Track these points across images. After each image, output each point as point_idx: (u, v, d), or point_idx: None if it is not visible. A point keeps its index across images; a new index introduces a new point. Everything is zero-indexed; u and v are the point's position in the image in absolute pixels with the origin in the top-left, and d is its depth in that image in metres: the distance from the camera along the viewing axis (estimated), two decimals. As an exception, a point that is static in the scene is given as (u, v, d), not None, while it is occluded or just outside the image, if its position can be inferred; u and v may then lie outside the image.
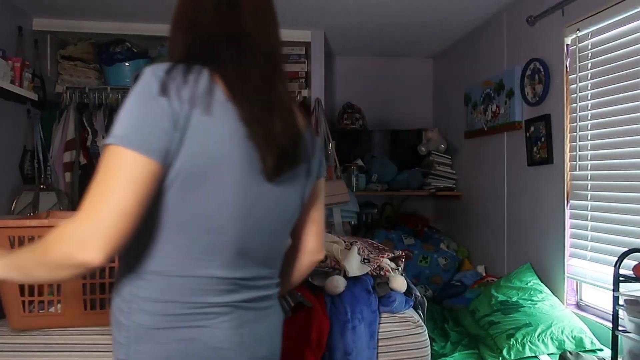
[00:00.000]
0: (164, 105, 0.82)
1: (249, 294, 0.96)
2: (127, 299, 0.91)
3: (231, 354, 0.92)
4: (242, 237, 0.93)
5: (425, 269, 3.68)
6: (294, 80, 3.99)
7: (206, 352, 0.90)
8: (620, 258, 1.95)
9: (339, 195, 3.34)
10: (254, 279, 0.97)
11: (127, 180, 0.79)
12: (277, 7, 1.02)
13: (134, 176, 0.79)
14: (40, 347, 1.69)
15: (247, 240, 0.94)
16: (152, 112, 0.82)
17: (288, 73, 3.97)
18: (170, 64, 0.88)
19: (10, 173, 3.25)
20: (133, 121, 0.82)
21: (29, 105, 3.35)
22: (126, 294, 0.91)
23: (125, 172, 0.79)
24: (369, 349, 1.72)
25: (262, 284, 0.99)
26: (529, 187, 3.03)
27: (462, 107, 3.90)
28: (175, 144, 0.83)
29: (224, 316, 0.91)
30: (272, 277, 1.03)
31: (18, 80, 2.89)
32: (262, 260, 0.98)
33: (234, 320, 0.92)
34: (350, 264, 1.83)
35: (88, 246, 0.77)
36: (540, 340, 2.33)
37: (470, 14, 3.45)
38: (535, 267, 2.88)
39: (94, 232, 0.77)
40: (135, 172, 0.80)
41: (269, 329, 1.01)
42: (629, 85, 2.26)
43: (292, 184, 0.99)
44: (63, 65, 3.71)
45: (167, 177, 0.84)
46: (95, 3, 3.25)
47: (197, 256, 0.89)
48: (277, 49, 0.99)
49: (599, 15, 2.38)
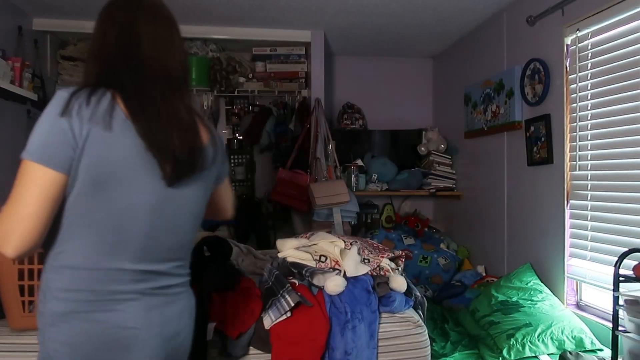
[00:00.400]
0: (64, 125, 1.00)
1: (157, 283, 1.11)
2: (43, 289, 1.06)
3: (138, 333, 1.07)
4: (148, 234, 1.08)
5: (425, 269, 3.68)
6: (294, 80, 4.00)
7: (115, 330, 1.05)
8: (620, 258, 1.95)
9: (339, 195, 3.35)
10: (161, 270, 1.12)
11: (35, 188, 0.99)
12: (277, 7, 1.03)
13: (40, 185, 0.99)
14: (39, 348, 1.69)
15: (154, 237, 1.09)
16: (54, 131, 1.00)
17: (288, 73, 3.98)
18: (78, 87, 1.05)
19: (10, 173, 3.25)
20: (40, 139, 1.02)
21: (29, 105, 3.35)
22: (43, 286, 1.07)
23: (34, 182, 0.99)
24: (369, 348, 1.72)
25: (171, 274, 1.14)
26: (529, 187, 3.03)
27: (462, 107, 3.90)
28: (77, 157, 1.00)
29: (132, 302, 1.06)
30: (181, 267, 1.18)
31: (18, 80, 2.89)
32: (170, 253, 1.14)
33: (142, 304, 1.07)
34: (350, 264, 1.83)
35: (4, 244, 0.97)
36: (540, 340, 2.33)
37: (470, 14, 3.45)
38: (535, 267, 2.88)
39: (9, 233, 0.97)
40: (42, 181, 0.99)
41: (177, 312, 1.15)
42: (628, 85, 2.26)
43: (196, 187, 1.15)
44: (63, 65, 3.72)
45: (71, 185, 1.02)
46: (95, 3, 3.23)
47: (106, 251, 1.05)
48: (177, 71, 1.14)
49: (599, 15, 2.38)
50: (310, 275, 1.82)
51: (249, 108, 4.23)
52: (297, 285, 1.84)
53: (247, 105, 4.26)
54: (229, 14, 3.48)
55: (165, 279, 1.13)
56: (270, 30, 3.79)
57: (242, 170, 4.21)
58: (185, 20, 3.60)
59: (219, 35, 3.83)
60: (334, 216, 3.38)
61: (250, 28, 3.77)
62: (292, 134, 3.88)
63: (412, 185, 4.06)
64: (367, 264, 1.89)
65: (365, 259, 1.92)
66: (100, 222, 1.04)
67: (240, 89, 4.01)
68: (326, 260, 1.84)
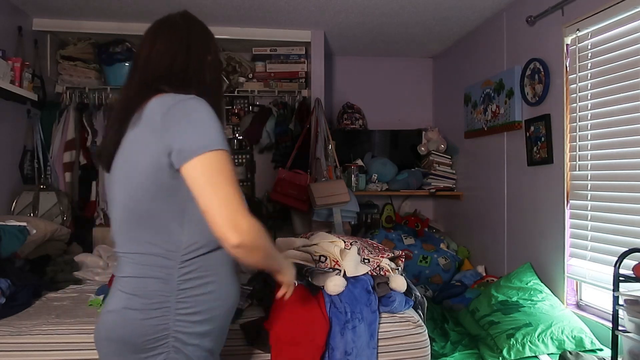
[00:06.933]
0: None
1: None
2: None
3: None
4: None
5: (425, 269, 3.68)
6: (294, 80, 4.00)
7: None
8: (620, 258, 1.95)
9: (339, 195, 3.34)
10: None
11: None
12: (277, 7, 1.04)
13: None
14: (41, 347, 1.69)
15: None
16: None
17: (288, 73, 3.98)
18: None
19: (10, 173, 3.25)
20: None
21: (29, 105, 3.35)
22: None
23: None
24: (369, 348, 1.72)
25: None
26: (529, 187, 3.03)
27: (462, 107, 3.90)
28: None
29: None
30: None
31: (18, 80, 2.89)
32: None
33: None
34: (350, 264, 1.83)
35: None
36: (540, 340, 2.33)
37: (470, 14, 3.45)
38: (535, 267, 2.88)
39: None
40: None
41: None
42: (628, 85, 2.26)
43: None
44: (63, 65, 3.71)
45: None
46: (95, 3, 3.26)
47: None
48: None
49: (599, 15, 2.38)
50: (310, 275, 1.82)
51: (249, 108, 4.23)
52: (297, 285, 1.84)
53: (247, 105, 4.26)
54: (229, 14, 3.48)
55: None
56: (270, 30, 3.79)
57: (242, 170, 4.21)
58: (185, 20, 3.60)
59: (219, 35, 3.75)
60: (334, 216, 3.38)
61: (250, 28, 3.77)
62: (292, 134, 3.87)
63: (412, 185, 4.06)
64: (367, 264, 1.89)
65: (365, 259, 1.92)
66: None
67: (240, 89, 4.01)
68: (326, 260, 1.84)
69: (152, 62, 1.22)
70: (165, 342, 1.13)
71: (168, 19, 1.32)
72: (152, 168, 1.11)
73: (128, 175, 1.15)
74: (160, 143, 1.09)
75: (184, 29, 1.29)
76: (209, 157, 1.06)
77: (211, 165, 1.06)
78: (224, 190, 1.05)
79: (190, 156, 1.05)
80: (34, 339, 1.70)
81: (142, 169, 1.12)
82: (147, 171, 1.11)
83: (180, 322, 1.13)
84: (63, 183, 3.54)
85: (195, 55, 1.25)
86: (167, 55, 1.22)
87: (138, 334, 1.12)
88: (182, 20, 1.31)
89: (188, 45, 1.25)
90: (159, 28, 1.29)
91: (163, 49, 1.23)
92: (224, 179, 1.06)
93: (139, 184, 1.13)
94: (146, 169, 1.12)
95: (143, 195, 1.13)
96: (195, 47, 1.26)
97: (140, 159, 1.12)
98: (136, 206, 1.15)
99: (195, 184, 1.06)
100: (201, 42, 1.29)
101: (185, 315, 1.14)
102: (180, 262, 1.14)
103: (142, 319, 1.12)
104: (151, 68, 1.21)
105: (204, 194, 1.05)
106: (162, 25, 1.30)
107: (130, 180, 1.15)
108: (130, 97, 1.19)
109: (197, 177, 1.06)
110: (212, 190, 1.04)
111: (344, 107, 4.41)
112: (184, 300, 1.13)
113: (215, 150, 1.06)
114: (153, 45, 1.24)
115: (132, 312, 1.12)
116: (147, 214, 1.14)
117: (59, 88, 3.71)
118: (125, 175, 1.16)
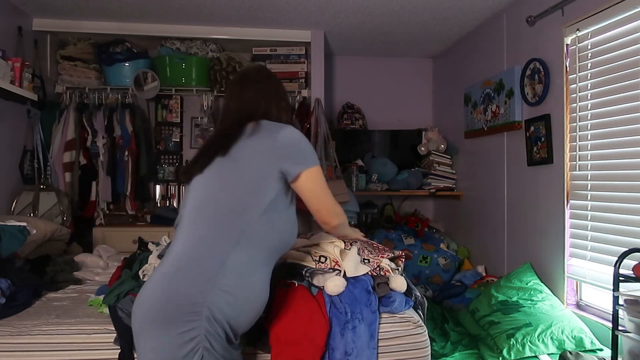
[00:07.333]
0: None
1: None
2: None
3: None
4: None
5: (425, 269, 3.68)
6: (294, 80, 4.00)
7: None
8: (620, 258, 1.95)
9: (339, 195, 3.34)
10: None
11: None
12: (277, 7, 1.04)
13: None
14: (41, 347, 1.69)
15: None
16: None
17: (288, 73, 3.98)
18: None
19: (10, 173, 3.26)
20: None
21: (29, 105, 3.35)
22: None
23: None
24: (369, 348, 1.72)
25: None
26: (529, 187, 3.03)
27: (462, 107, 3.90)
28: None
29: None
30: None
31: (18, 80, 2.89)
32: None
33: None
34: (350, 264, 1.83)
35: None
36: (540, 340, 2.33)
37: (470, 14, 3.45)
38: (535, 267, 2.88)
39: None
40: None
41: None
42: (628, 85, 2.26)
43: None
44: (63, 65, 3.71)
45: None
46: (95, 3, 3.26)
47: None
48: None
49: (599, 15, 2.38)
50: (310, 276, 1.82)
51: (249, 108, 4.22)
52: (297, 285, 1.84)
53: (247, 105, 4.25)
54: (229, 14, 3.48)
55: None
56: (270, 30, 3.80)
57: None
58: (186, 20, 3.61)
59: (219, 35, 3.82)
60: (334, 216, 3.38)
61: (250, 28, 3.77)
62: (292, 134, 3.87)
63: (412, 185, 4.06)
64: (366, 264, 1.89)
65: (365, 259, 1.91)
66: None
67: (240, 89, 4.00)
68: (326, 261, 1.84)
69: (242, 108, 1.57)
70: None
71: (249, 75, 1.66)
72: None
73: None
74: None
75: (262, 82, 1.63)
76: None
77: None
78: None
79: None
80: (34, 339, 1.70)
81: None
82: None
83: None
84: (63, 183, 3.54)
85: (274, 103, 1.60)
86: (253, 103, 1.57)
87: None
88: (260, 75, 1.66)
89: (267, 96, 1.59)
90: (243, 82, 1.63)
91: (249, 99, 1.58)
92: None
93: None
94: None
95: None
96: (272, 96, 1.61)
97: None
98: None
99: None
100: (276, 92, 1.64)
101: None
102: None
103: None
104: (242, 111, 1.56)
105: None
106: (247, 80, 1.63)
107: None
108: (226, 127, 1.55)
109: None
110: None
111: (344, 107, 4.41)
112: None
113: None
114: (242, 95, 1.60)
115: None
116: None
117: (59, 88, 3.71)
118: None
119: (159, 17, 3.53)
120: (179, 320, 1.31)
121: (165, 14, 3.47)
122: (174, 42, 3.91)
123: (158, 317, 1.32)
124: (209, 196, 1.45)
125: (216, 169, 1.46)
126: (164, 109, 4.15)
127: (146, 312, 1.34)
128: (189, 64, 3.89)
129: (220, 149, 1.47)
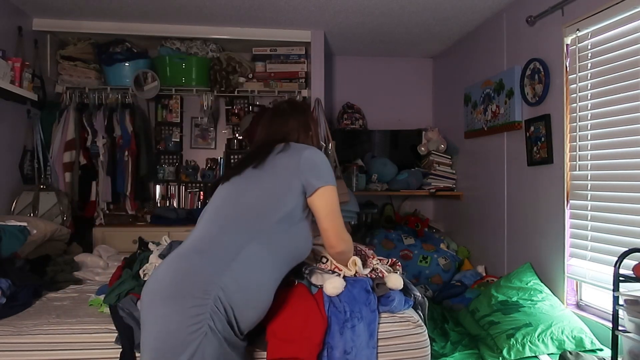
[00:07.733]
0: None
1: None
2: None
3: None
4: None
5: (425, 269, 3.68)
6: (294, 80, 4.00)
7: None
8: (620, 258, 1.95)
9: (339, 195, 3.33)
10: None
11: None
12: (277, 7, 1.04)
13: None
14: (40, 347, 1.69)
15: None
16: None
17: (288, 73, 3.99)
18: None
19: (10, 173, 3.26)
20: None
21: (29, 105, 3.35)
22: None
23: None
24: (368, 348, 1.72)
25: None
26: (529, 187, 3.03)
27: (462, 107, 3.90)
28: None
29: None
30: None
31: (18, 80, 2.89)
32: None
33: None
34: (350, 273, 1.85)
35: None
36: (540, 340, 2.33)
37: (470, 14, 3.45)
38: (535, 267, 2.89)
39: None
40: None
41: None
42: (628, 85, 2.26)
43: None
44: (63, 65, 3.71)
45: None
46: (95, 3, 3.26)
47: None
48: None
49: (599, 15, 2.38)
50: (309, 274, 1.82)
51: (249, 108, 4.23)
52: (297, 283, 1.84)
53: (247, 105, 4.26)
54: (229, 14, 3.48)
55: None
56: (270, 30, 3.80)
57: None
58: (186, 20, 3.61)
59: (219, 35, 3.83)
60: (334, 216, 3.38)
61: (250, 28, 3.77)
62: (292, 134, 3.88)
63: (412, 185, 4.06)
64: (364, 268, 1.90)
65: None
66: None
67: (240, 89, 4.01)
68: (327, 262, 1.84)
69: (272, 136, 1.75)
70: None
71: (280, 109, 1.85)
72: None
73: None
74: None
75: (291, 114, 1.81)
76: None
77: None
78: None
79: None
80: (34, 338, 1.70)
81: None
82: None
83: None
84: (63, 183, 3.54)
85: (302, 132, 1.79)
86: (283, 135, 1.75)
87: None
88: (290, 108, 1.83)
89: (297, 127, 1.78)
90: (274, 115, 1.84)
91: (279, 130, 1.77)
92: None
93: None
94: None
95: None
96: (301, 127, 1.79)
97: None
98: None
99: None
100: (304, 122, 1.81)
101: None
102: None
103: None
104: (272, 138, 1.74)
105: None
106: (277, 113, 1.83)
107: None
108: (259, 146, 1.73)
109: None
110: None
111: (344, 107, 4.41)
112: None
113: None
114: (271, 126, 1.79)
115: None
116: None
117: (59, 88, 3.72)
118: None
119: (159, 17, 3.53)
120: (190, 297, 1.36)
121: (165, 14, 3.47)
122: (174, 42, 3.91)
123: (171, 292, 1.38)
124: (233, 198, 1.59)
125: (244, 177, 1.63)
126: (164, 109, 4.15)
127: (159, 286, 1.41)
128: (189, 64, 3.89)
129: (252, 161, 1.65)
